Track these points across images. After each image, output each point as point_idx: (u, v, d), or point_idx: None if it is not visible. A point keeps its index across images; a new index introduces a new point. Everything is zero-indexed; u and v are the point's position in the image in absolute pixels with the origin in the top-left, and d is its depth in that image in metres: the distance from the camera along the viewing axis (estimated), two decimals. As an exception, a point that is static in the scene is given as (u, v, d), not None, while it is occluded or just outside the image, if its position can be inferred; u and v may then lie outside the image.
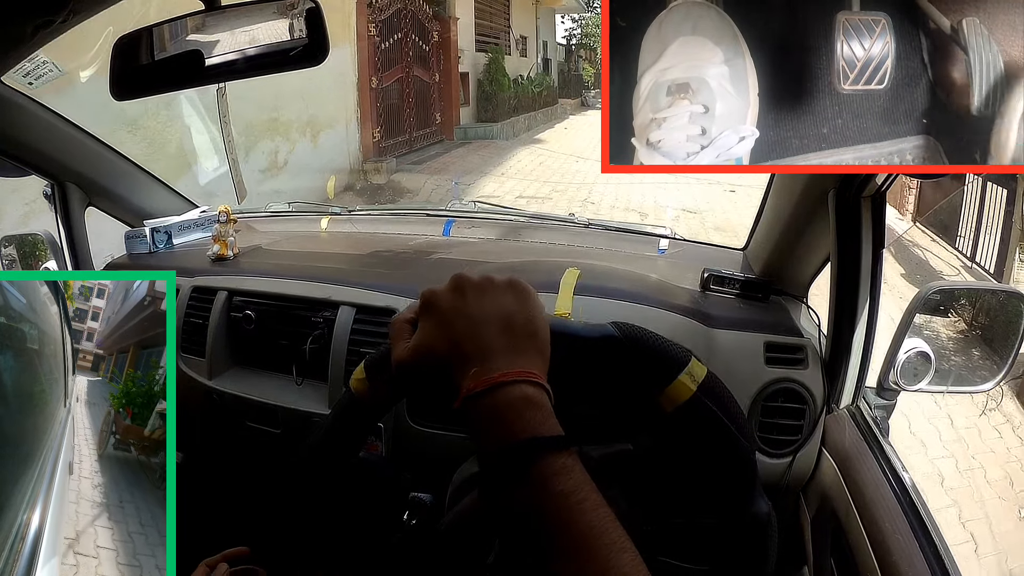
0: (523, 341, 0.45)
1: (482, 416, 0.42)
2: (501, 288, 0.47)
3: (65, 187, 1.31)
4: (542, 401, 0.42)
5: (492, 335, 0.44)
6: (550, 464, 0.39)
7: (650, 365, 0.52)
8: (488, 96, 10.76)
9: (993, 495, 2.89)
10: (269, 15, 0.79)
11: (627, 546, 0.37)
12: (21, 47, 0.63)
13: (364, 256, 1.45)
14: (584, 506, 0.38)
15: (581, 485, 0.39)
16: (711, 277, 1.15)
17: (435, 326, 0.46)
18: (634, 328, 0.54)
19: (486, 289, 0.47)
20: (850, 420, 0.96)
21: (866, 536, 0.79)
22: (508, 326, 0.45)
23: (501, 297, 0.46)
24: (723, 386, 0.53)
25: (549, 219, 1.61)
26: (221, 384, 1.20)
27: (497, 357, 0.43)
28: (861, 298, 0.94)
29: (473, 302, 0.46)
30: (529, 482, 0.39)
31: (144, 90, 0.82)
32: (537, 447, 0.39)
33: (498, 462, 0.40)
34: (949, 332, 1.02)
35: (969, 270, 4.72)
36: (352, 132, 6.84)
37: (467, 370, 0.43)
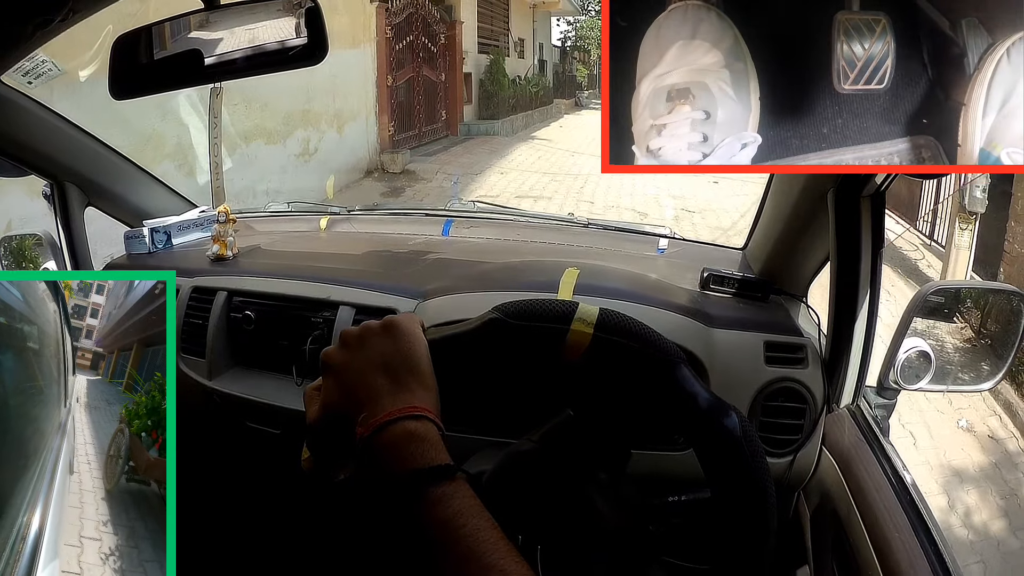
0: (404, 378, 0.48)
1: (372, 457, 0.45)
2: (378, 333, 0.51)
3: (65, 187, 1.31)
4: (425, 433, 0.45)
5: (375, 380, 0.48)
6: (429, 495, 0.42)
7: (542, 329, 0.53)
8: (489, 95, 11.38)
9: (932, 408, 3.33)
10: (268, 14, 0.78)
11: (509, 568, 0.39)
12: (21, 46, 0.62)
13: (363, 256, 1.45)
14: (462, 532, 0.40)
15: (460, 512, 0.41)
16: (711, 277, 1.15)
17: (331, 384, 0.50)
18: (515, 303, 0.55)
19: (365, 338, 0.51)
20: (850, 419, 0.96)
21: (867, 535, 0.79)
22: (387, 367, 0.49)
23: (379, 342, 0.50)
24: (621, 316, 0.53)
25: (549, 219, 1.61)
26: (221, 384, 1.20)
27: (382, 399, 0.47)
28: (861, 297, 0.94)
29: (356, 353, 0.50)
30: (410, 514, 0.42)
31: (143, 89, 0.82)
32: (416, 480, 0.42)
33: (384, 499, 0.43)
34: (949, 332, 1.02)
35: (928, 247, 5.40)
36: (371, 125, 7.54)
37: (359, 417, 0.46)
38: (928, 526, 0.75)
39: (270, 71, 0.85)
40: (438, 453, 0.44)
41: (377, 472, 0.44)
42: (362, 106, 7.37)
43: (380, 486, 0.44)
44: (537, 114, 13.04)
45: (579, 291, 1.06)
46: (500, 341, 0.54)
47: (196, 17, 0.78)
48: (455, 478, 0.43)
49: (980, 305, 1.12)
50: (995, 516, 2.81)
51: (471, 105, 11.09)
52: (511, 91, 11.94)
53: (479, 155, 8.55)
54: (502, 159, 8.35)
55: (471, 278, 1.17)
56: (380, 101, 7.70)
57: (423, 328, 0.54)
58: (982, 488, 2.96)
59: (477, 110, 11.30)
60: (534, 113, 12.86)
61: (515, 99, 12.11)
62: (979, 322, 1.06)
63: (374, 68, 7.56)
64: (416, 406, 0.47)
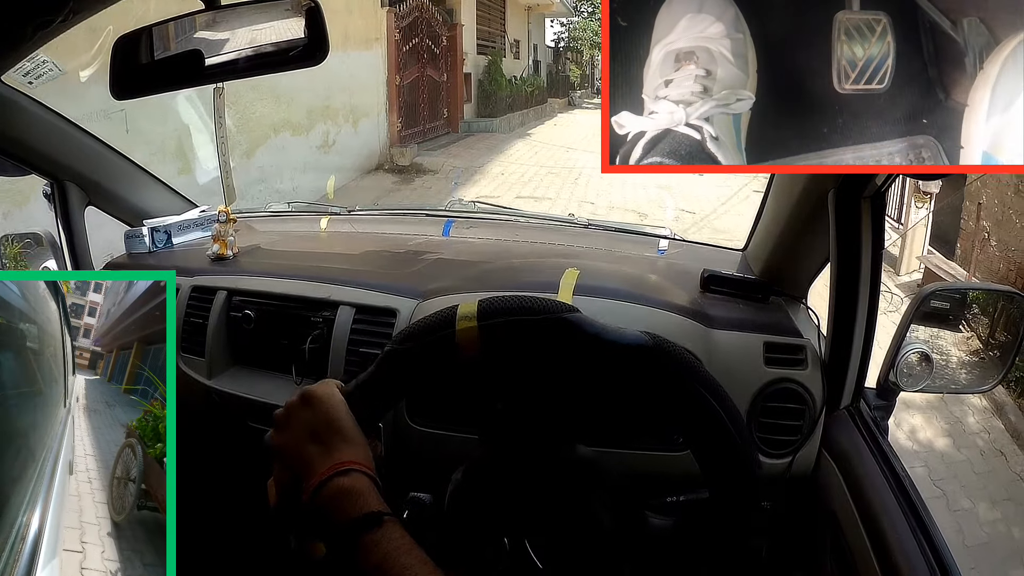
0: (329, 439, 0.53)
1: (316, 518, 0.49)
2: (299, 407, 0.55)
3: (65, 187, 1.31)
4: (353, 485, 0.49)
5: (306, 449, 0.53)
6: (363, 542, 0.46)
7: (433, 342, 0.55)
8: (488, 94, 11.81)
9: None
10: (269, 14, 0.78)
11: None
12: (21, 47, 0.63)
13: (364, 256, 1.45)
14: (393, 573, 0.44)
15: (389, 554, 0.45)
16: (711, 277, 1.15)
17: (278, 467, 0.55)
18: (407, 329, 0.57)
19: (290, 415, 0.55)
20: (850, 420, 0.96)
21: (865, 536, 0.79)
22: (314, 435, 0.53)
23: (302, 415, 0.55)
24: (500, 298, 0.55)
25: (549, 219, 1.61)
26: (221, 384, 1.20)
27: (314, 464, 0.51)
28: (861, 298, 0.94)
29: (286, 433, 0.54)
30: (351, 562, 0.46)
31: (144, 89, 0.82)
32: (349, 531, 0.47)
33: (331, 552, 0.48)
34: (949, 333, 1.02)
35: (896, 230, 5.58)
36: (382, 121, 8.10)
37: (302, 485, 0.51)
38: (927, 526, 0.75)
39: (271, 71, 0.85)
40: (368, 501, 0.48)
41: (322, 530, 0.49)
42: (374, 104, 7.91)
43: (326, 541, 0.49)
44: (532, 112, 13.43)
45: (579, 291, 1.06)
46: (402, 370, 0.56)
47: (196, 17, 0.78)
48: (384, 522, 0.47)
49: (980, 307, 1.12)
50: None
51: (471, 104, 11.52)
52: (508, 91, 12.34)
53: (480, 150, 9.09)
54: (501, 154, 8.88)
55: (471, 278, 1.17)
56: (390, 99, 8.21)
57: (340, 387, 0.57)
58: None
59: (476, 108, 11.71)
60: (529, 112, 13.26)
61: (512, 98, 12.52)
62: (979, 324, 1.06)
63: (384, 68, 8.09)
64: (343, 462, 0.51)
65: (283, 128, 6.05)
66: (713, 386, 0.53)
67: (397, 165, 7.93)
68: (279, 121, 5.95)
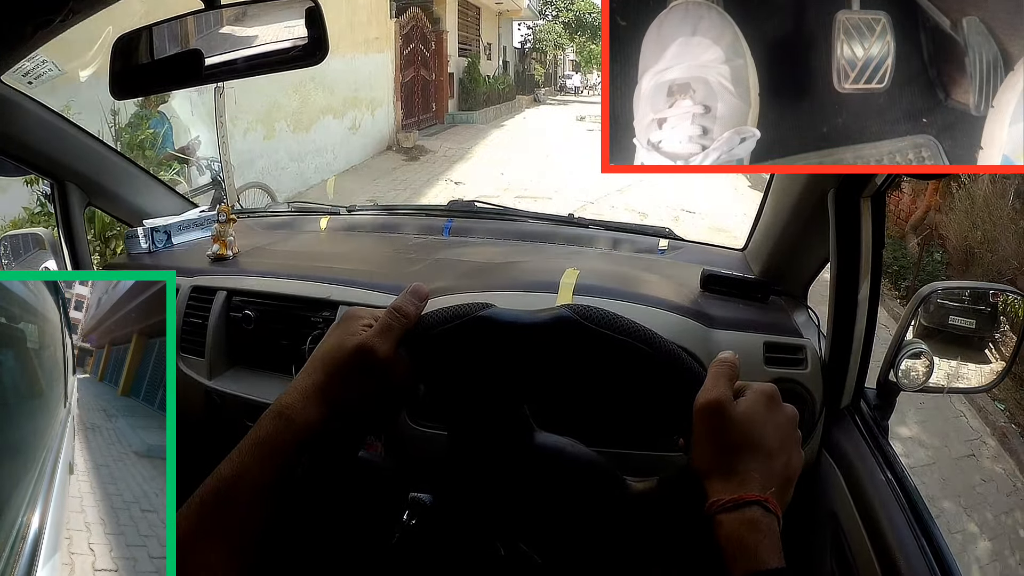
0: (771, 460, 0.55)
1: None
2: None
3: (65, 187, 1.31)
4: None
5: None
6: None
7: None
8: (468, 91, 14.10)
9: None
10: (269, 14, 0.78)
11: None
12: (21, 47, 0.62)
13: (364, 256, 1.45)
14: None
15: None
16: (711, 277, 1.15)
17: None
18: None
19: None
20: (850, 420, 0.96)
21: (866, 536, 0.79)
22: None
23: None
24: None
25: (549, 219, 1.61)
26: (221, 384, 1.20)
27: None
28: (861, 298, 0.94)
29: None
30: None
31: (144, 89, 0.82)
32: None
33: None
34: (949, 333, 1.02)
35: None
36: (391, 111, 10.17)
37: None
38: (927, 526, 0.75)
39: (271, 71, 0.85)
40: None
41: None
42: (386, 96, 9.93)
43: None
44: (504, 107, 15.79)
45: (579, 291, 1.06)
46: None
47: (196, 17, 0.78)
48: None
49: (981, 306, 1.12)
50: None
51: (453, 99, 13.70)
52: (484, 88, 14.63)
53: (466, 136, 11.69)
54: (484, 139, 11.49)
55: (471, 278, 1.17)
56: (396, 93, 10.20)
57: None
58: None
59: (458, 103, 13.90)
60: (502, 107, 15.62)
61: (487, 95, 14.81)
62: (979, 323, 1.06)
63: (393, 68, 10.06)
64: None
65: (328, 112, 7.83)
66: (638, 331, 0.54)
67: (402, 147, 9.89)
68: (325, 106, 7.74)
